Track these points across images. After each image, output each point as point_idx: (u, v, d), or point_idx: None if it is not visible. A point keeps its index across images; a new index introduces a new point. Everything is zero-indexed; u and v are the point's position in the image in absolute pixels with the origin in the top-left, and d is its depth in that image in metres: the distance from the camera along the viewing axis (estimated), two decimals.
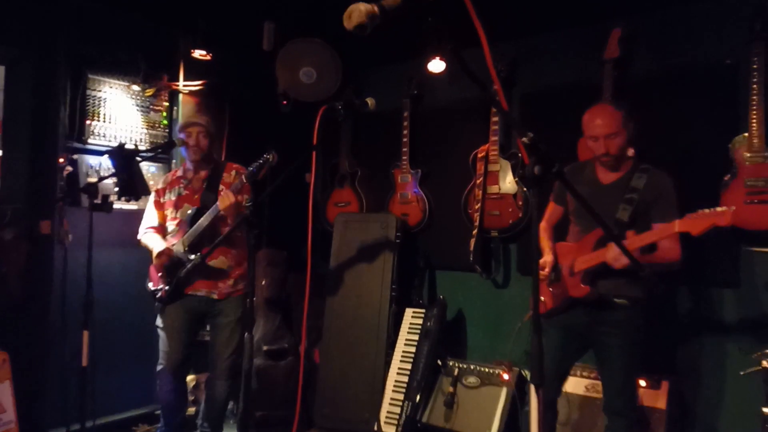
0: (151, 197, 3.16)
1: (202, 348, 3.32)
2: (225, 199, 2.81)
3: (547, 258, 2.53)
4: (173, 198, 3.10)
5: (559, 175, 1.37)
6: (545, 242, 2.62)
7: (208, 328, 3.24)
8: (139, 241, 3.12)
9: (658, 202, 2.33)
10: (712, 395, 2.93)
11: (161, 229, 3.13)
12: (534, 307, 1.32)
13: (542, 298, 2.55)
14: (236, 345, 3.07)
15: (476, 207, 3.62)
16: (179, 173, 3.18)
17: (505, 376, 3.27)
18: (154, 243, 3.04)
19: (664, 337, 3.08)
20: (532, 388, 1.40)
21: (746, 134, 2.78)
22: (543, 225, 2.74)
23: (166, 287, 2.97)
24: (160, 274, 3.01)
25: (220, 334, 3.07)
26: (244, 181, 2.81)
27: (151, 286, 3.06)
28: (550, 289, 2.52)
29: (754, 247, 2.69)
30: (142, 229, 3.13)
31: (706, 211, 2.11)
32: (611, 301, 2.36)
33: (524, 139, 1.32)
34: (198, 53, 3.80)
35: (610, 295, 2.35)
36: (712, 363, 2.94)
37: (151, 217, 3.14)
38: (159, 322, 3.06)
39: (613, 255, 2.24)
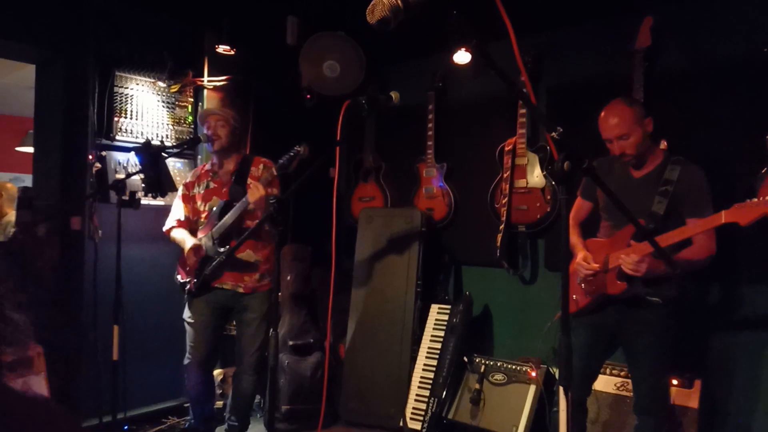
0: (180, 190, 3.19)
1: (230, 342, 3.36)
2: (255, 191, 2.81)
3: (586, 253, 2.43)
4: (202, 191, 3.13)
5: (588, 171, 1.33)
6: (576, 239, 2.54)
7: (234, 323, 3.27)
8: (167, 234, 3.14)
9: (691, 195, 2.26)
10: (746, 395, 2.84)
11: (188, 223, 3.14)
12: (563, 307, 1.28)
13: (574, 297, 2.50)
14: (262, 340, 3.09)
15: (503, 201, 3.57)
16: (207, 167, 3.20)
17: (533, 374, 3.22)
18: (184, 237, 3.06)
19: (696, 335, 3.00)
20: (561, 389, 1.36)
21: None
22: (570, 222, 2.64)
23: (195, 280, 3.00)
24: (188, 268, 3.03)
25: (246, 330, 3.09)
26: (275, 173, 2.80)
27: (179, 278, 3.09)
28: (582, 286, 2.45)
29: None
30: (169, 221, 3.16)
31: (755, 200, 2.02)
32: (644, 299, 2.29)
33: (554, 134, 1.28)
34: (222, 49, 3.82)
35: (643, 293, 2.29)
36: (745, 361, 2.85)
37: (178, 210, 3.16)
38: (186, 315, 3.09)
39: (630, 262, 2.18)
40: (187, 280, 3.04)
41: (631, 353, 2.41)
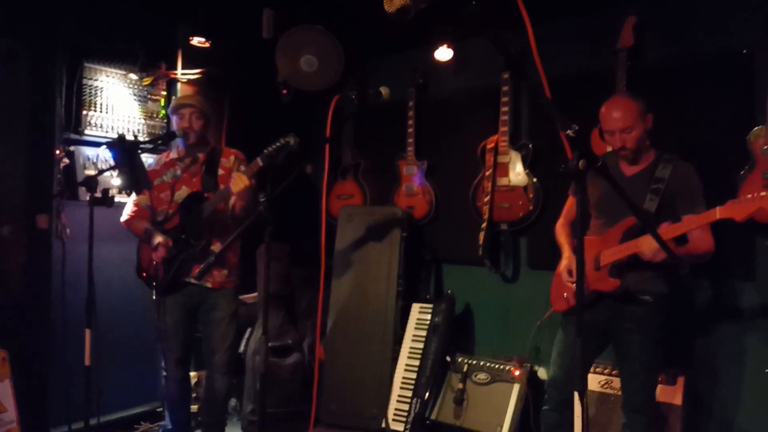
0: None
1: (198, 343, 3.25)
2: (239, 182, 2.72)
3: (568, 262, 2.46)
4: (168, 180, 3.00)
5: (603, 170, 1.30)
6: (564, 239, 2.57)
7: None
8: (127, 224, 3.00)
9: (684, 193, 2.29)
10: (730, 391, 2.89)
11: (149, 213, 3.00)
12: (578, 310, 1.25)
13: (564, 295, 2.50)
14: (232, 340, 3.03)
15: (485, 199, 3.55)
16: (173, 155, 3.07)
17: (516, 373, 3.21)
18: (150, 229, 2.92)
19: (681, 332, 3.03)
20: (576, 395, 1.33)
21: (763, 126, 2.72)
22: (561, 222, 2.68)
23: (164, 276, 2.88)
24: (154, 263, 2.91)
25: (216, 330, 3.00)
26: (261, 164, 2.70)
27: (144, 274, 2.97)
28: (573, 285, 2.45)
29: None
30: (127, 210, 3.01)
31: (749, 196, 2.05)
32: (635, 296, 2.31)
33: (569, 132, 1.25)
34: (197, 41, 3.70)
35: (635, 290, 2.30)
36: (729, 359, 2.90)
37: (139, 199, 3.01)
38: (156, 319, 2.97)
39: (650, 247, 2.17)
40: (154, 275, 2.92)
41: (622, 350, 2.41)
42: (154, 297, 2.97)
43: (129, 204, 3.03)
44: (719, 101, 2.96)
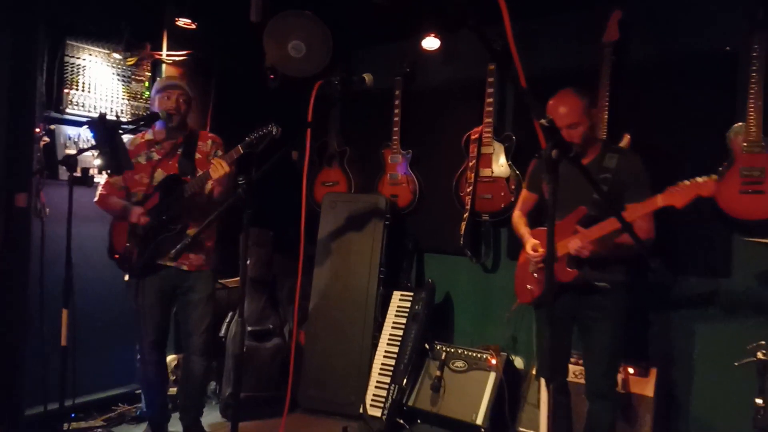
0: None
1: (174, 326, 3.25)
2: (218, 168, 2.72)
3: (534, 241, 2.53)
4: (143, 162, 2.96)
5: (575, 159, 1.32)
6: (524, 229, 2.66)
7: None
8: (101, 203, 2.96)
9: (631, 182, 2.35)
10: (703, 384, 2.95)
11: (124, 193, 2.97)
12: (548, 296, 1.27)
13: (528, 287, 2.56)
14: (209, 322, 3.02)
15: (468, 190, 3.57)
16: (148, 136, 3.02)
17: (493, 361, 3.25)
18: (126, 204, 2.89)
19: (656, 325, 3.09)
20: (542, 381, 1.35)
21: (744, 123, 2.76)
22: (517, 213, 2.78)
23: (138, 258, 2.86)
24: (129, 244, 2.88)
25: (193, 312, 2.99)
26: (241, 151, 2.69)
27: (116, 256, 2.94)
28: (535, 275, 2.54)
29: (748, 237, 2.68)
30: (100, 189, 2.97)
31: (687, 182, 2.12)
32: (594, 285, 2.40)
33: (543, 122, 1.26)
34: (183, 22, 3.65)
35: (592, 279, 2.40)
36: (703, 352, 2.95)
37: (114, 179, 2.97)
38: (132, 301, 2.95)
39: (573, 246, 2.29)
40: (128, 256, 2.88)
41: (587, 337, 2.49)
42: (126, 278, 2.95)
43: (101, 183, 2.99)
44: (701, 98, 2.99)
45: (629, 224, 1.85)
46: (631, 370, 2.84)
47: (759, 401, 2.26)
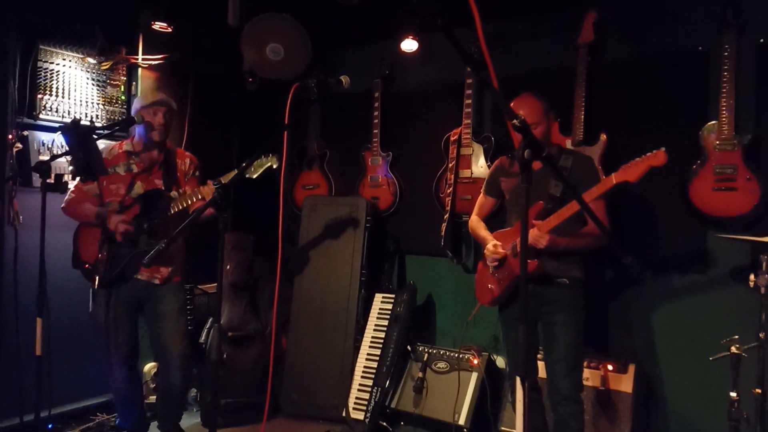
0: None
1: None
2: (209, 193, 2.70)
3: (495, 242, 2.56)
4: (122, 173, 2.92)
5: (548, 160, 1.33)
6: (484, 232, 2.68)
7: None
8: (68, 208, 2.90)
9: (585, 180, 2.41)
10: (679, 379, 2.99)
11: (97, 202, 2.90)
12: (522, 298, 1.28)
13: (489, 286, 2.58)
14: (184, 332, 2.98)
15: (448, 191, 3.58)
16: (126, 147, 2.97)
17: (475, 361, 3.26)
18: (101, 211, 2.84)
19: (632, 321, 3.13)
20: (518, 379, 1.36)
21: (716, 122, 2.81)
22: (474, 218, 2.81)
23: (109, 271, 2.81)
24: (101, 255, 2.83)
25: (167, 324, 2.93)
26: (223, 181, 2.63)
27: (86, 266, 2.87)
28: (495, 275, 2.57)
29: (721, 233, 2.72)
30: (69, 195, 2.91)
31: (637, 159, 2.19)
32: (553, 280, 2.44)
33: (515, 122, 1.27)
34: (158, 25, 3.61)
35: (552, 275, 2.44)
36: (679, 348, 2.99)
37: (88, 187, 2.91)
38: (99, 313, 2.89)
39: (531, 236, 2.34)
40: (97, 267, 2.82)
41: (547, 333, 2.50)
42: (94, 287, 2.88)
43: (71, 189, 2.93)
44: (675, 97, 3.04)
45: (587, 204, 1.89)
46: (610, 367, 2.86)
47: (733, 394, 2.30)
